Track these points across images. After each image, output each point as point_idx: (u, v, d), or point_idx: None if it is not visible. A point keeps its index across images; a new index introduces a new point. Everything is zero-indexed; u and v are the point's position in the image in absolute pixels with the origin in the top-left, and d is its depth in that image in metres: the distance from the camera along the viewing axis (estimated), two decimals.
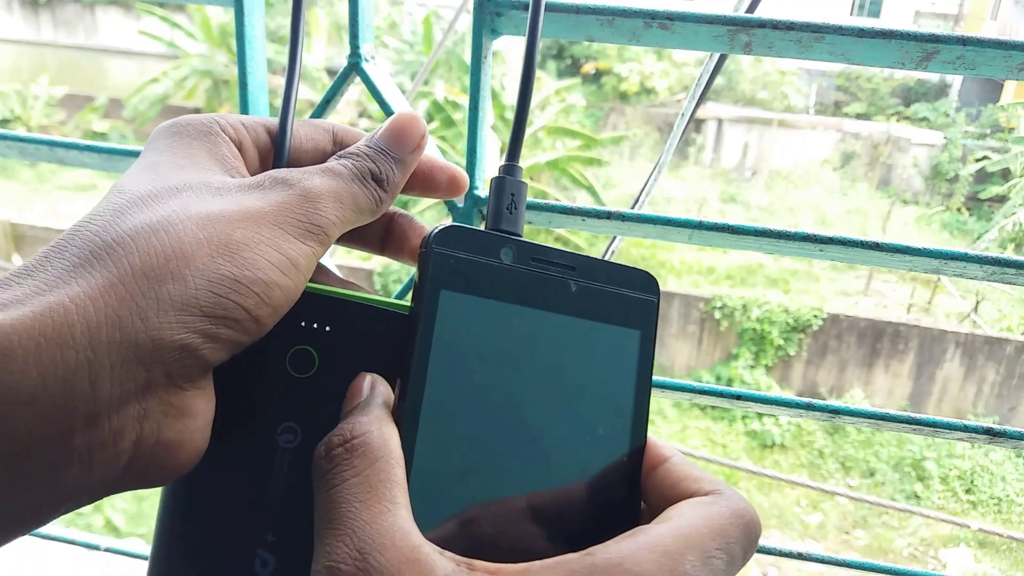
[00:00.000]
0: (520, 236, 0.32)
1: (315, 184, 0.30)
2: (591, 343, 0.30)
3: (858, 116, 14.18)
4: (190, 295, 0.26)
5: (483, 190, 0.59)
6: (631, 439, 0.30)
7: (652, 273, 0.32)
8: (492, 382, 0.28)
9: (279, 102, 0.34)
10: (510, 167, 0.33)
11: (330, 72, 12.24)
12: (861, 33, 0.48)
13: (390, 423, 0.27)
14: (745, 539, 0.27)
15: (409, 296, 0.30)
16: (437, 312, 0.28)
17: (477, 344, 0.28)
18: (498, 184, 0.33)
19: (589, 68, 14.38)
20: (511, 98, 10.74)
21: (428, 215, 8.01)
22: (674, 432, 8.29)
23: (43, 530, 0.87)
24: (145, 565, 0.31)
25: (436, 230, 0.29)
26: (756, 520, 0.28)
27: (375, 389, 0.29)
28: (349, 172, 0.32)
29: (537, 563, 0.24)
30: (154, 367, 0.25)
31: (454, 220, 0.56)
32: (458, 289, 0.28)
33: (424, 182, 0.36)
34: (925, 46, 0.48)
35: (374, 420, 0.27)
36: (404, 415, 0.27)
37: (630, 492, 0.30)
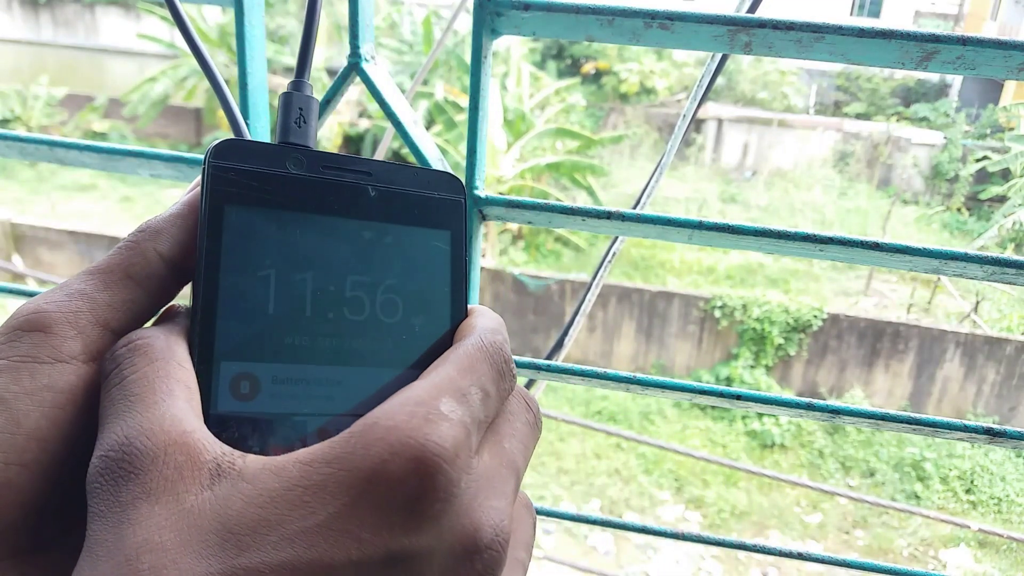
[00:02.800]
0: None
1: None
2: (397, 246, 0.30)
3: (858, 116, 14.18)
4: None
5: (483, 190, 0.59)
6: (451, 328, 0.30)
7: (456, 175, 0.32)
8: (292, 293, 0.28)
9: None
10: (298, 83, 0.32)
11: (330, 72, 12.24)
12: (861, 33, 0.48)
13: (178, 335, 0.27)
14: (492, 371, 0.28)
15: None
16: (223, 229, 0.27)
17: (271, 256, 0.27)
18: (285, 99, 0.31)
19: (589, 68, 14.38)
20: (512, 100, 10.74)
21: None
22: (674, 432, 8.29)
23: None
24: None
25: (213, 145, 0.27)
26: (499, 350, 0.29)
27: (171, 311, 0.29)
28: None
29: (305, 449, 0.24)
30: None
31: None
32: (244, 203, 0.27)
33: None
34: (925, 46, 0.48)
35: (160, 331, 0.27)
36: (198, 337, 0.26)
37: None
